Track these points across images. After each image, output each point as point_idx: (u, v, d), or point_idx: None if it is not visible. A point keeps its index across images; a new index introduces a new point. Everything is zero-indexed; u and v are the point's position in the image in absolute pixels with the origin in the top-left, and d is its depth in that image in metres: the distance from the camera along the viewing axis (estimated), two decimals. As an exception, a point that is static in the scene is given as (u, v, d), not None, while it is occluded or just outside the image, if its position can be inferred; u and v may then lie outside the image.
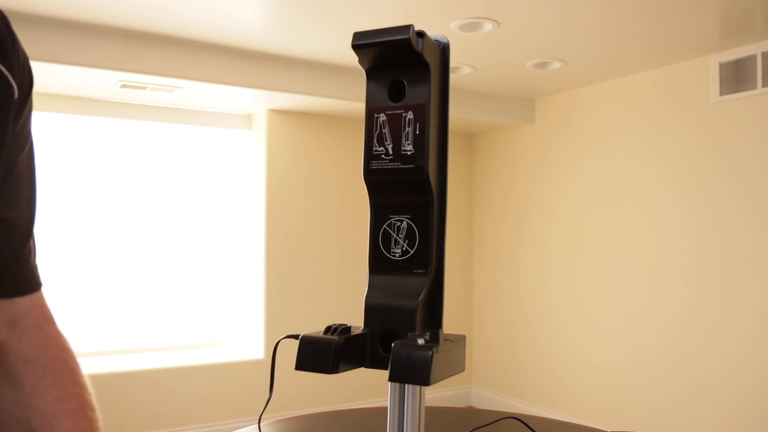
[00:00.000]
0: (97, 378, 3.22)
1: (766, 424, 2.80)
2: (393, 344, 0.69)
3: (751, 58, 2.90)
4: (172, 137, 3.76)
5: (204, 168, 3.85)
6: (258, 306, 3.77)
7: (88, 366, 3.31)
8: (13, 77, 0.54)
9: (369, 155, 0.81)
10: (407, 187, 0.79)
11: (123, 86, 3.16)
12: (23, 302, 0.60)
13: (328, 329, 0.77)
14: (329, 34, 2.81)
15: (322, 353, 0.70)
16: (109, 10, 2.56)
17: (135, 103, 3.56)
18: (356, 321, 0.79)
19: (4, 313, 0.59)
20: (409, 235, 0.79)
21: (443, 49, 0.82)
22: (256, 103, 3.61)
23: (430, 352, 0.66)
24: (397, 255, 0.79)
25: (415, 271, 0.78)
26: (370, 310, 0.77)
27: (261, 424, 1.18)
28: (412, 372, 0.66)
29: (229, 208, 3.91)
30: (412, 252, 0.78)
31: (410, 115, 0.79)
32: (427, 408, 0.80)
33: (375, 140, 0.80)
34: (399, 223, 0.80)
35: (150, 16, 2.63)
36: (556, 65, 3.30)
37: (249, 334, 3.84)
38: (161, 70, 2.95)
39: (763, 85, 2.85)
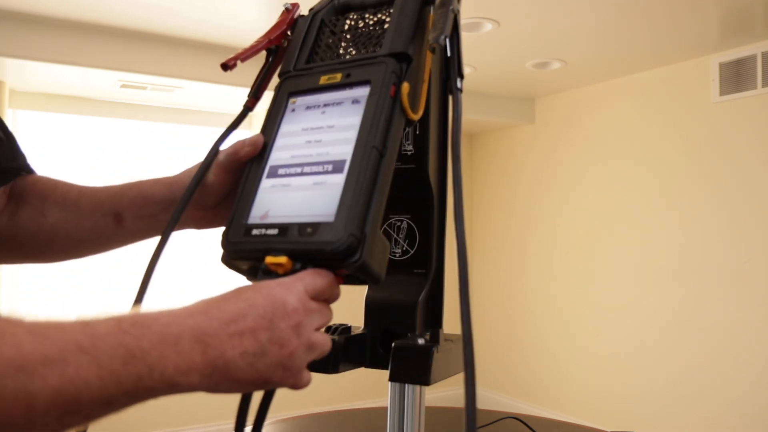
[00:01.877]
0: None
1: (764, 421, 2.81)
2: (393, 344, 0.69)
3: (751, 58, 2.90)
4: (172, 137, 3.76)
5: (204, 168, 3.84)
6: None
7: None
8: None
9: None
10: (407, 187, 0.78)
11: (123, 86, 3.16)
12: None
13: (328, 329, 0.77)
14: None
15: None
16: (109, 10, 2.56)
17: (135, 103, 3.56)
18: (356, 321, 0.79)
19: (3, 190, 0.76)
20: (410, 235, 0.79)
21: (443, 49, 0.81)
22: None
23: (431, 352, 0.66)
24: (397, 255, 0.79)
25: (415, 270, 0.78)
26: (370, 310, 0.77)
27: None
28: (412, 372, 0.66)
29: (229, 208, 3.91)
30: (412, 252, 0.78)
31: None
32: (427, 408, 0.80)
33: None
34: (399, 223, 0.80)
35: (150, 16, 2.63)
36: (556, 65, 3.30)
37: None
38: (161, 70, 2.95)
39: (763, 85, 2.85)
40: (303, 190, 0.57)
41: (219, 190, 0.69)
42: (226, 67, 0.69)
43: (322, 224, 0.53)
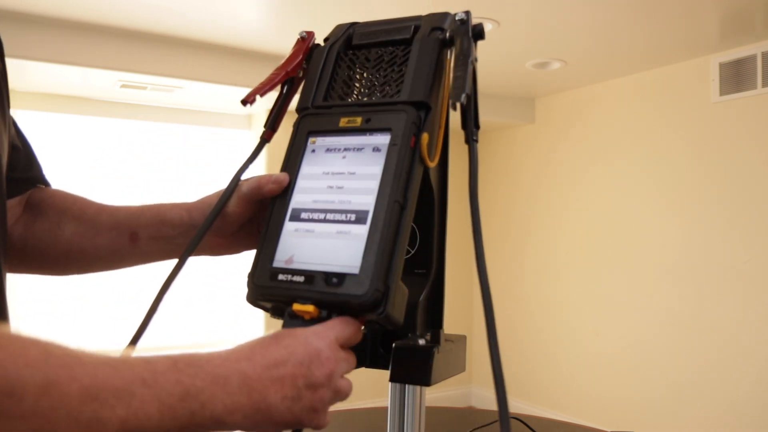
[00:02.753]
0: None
1: (764, 420, 2.81)
2: (393, 344, 0.69)
3: (751, 58, 2.90)
4: (172, 137, 3.76)
5: (204, 168, 3.85)
6: (258, 306, 3.77)
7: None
8: None
9: None
10: None
11: (123, 86, 3.16)
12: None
13: None
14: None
15: None
16: (109, 10, 2.56)
17: (135, 103, 3.56)
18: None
19: (19, 200, 0.79)
20: (410, 235, 0.79)
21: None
22: (255, 103, 3.60)
23: (431, 353, 0.65)
24: (397, 255, 0.79)
25: (415, 271, 0.78)
26: None
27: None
28: (413, 372, 0.66)
29: (229, 208, 3.91)
30: (412, 252, 0.78)
31: None
32: (427, 408, 0.80)
33: None
34: None
35: (150, 16, 2.63)
36: (556, 65, 3.30)
37: (249, 334, 3.84)
38: (161, 70, 2.95)
39: (763, 85, 2.85)
40: (327, 237, 0.59)
41: (238, 220, 0.72)
42: (245, 102, 0.71)
43: (347, 276, 0.56)
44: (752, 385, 2.87)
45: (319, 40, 0.80)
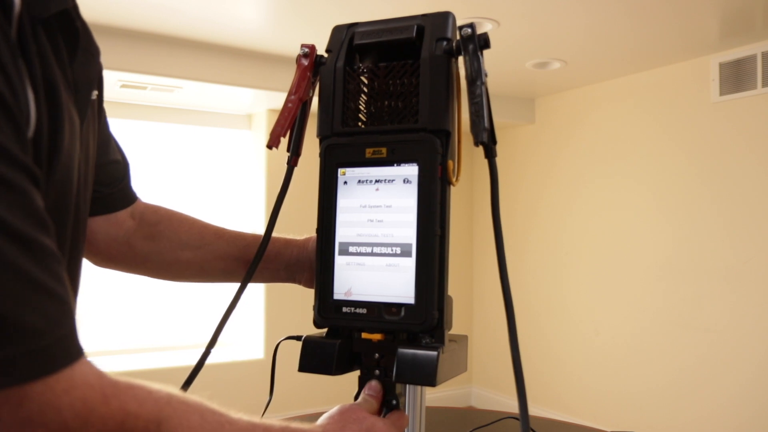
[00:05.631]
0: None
1: (763, 418, 2.81)
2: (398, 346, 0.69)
3: (751, 58, 2.90)
4: (172, 137, 3.76)
5: (204, 168, 3.84)
6: (258, 306, 3.77)
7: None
8: None
9: None
10: None
11: (123, 86, 3.15)
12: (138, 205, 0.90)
13: (330, 330, 0.77)
14: (328, 34, 2.81)
15: (325, 355, 0.70)
16: (109, 10, 2.56)
17: (135, 103, 3.55)
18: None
19: (131, 213, 0.87)
20: None
21: None
22: (255, 103, 3.60)
23: (437, 353, 0.65)
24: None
25: None
26: None
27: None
28: (418, 373, 0.66)
29: (229, 208, 3.91)
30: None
31: None
32: (427, 408, 0.80)
33: None
34: None
35: (150, 16, 2.63)
36: (556, 65, 3.30)
37: (249, 334, 3.83)
38: (161, 70, 2.95)
39: (763, 85, 2.85)
40: (378, 270, 0.66)
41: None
42: (271, 147, 0.73)
43: (405, 306, 0.64)
44: (751, 383, 2.87)
45: (320, 44, 0.79)
